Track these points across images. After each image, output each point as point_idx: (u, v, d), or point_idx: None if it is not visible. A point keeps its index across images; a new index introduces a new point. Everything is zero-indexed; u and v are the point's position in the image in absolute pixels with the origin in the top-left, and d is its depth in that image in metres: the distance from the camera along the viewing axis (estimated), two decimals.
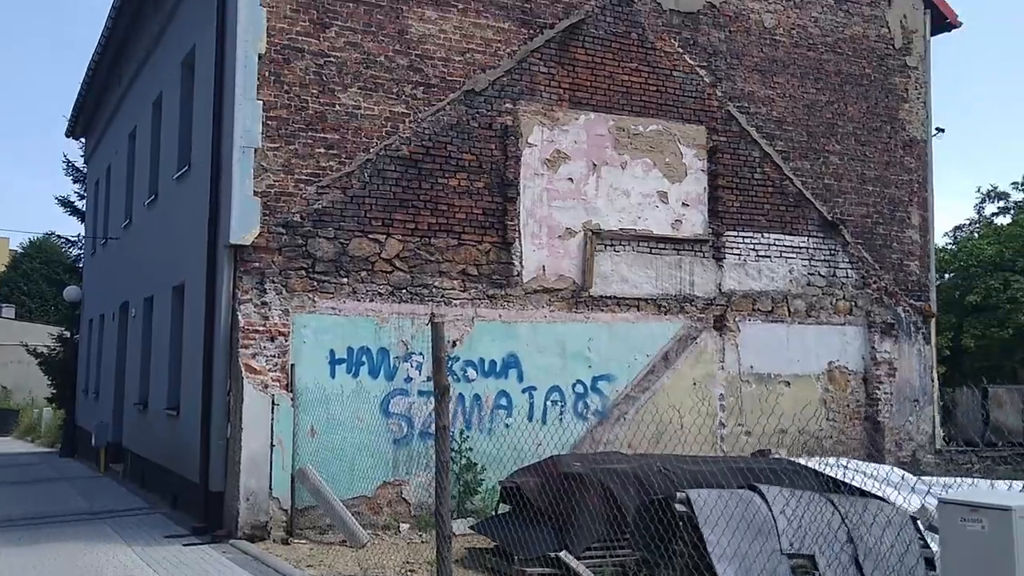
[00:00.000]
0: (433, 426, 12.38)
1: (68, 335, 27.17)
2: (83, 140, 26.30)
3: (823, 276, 15.04)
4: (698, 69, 14.24)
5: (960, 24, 16.60)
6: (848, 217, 15.26)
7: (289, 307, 11.36)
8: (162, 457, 14.32)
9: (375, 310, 11.84)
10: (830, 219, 15.06)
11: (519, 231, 12.75)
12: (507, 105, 12.83)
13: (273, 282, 11.31)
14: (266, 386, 11.00)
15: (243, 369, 10.95)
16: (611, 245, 13.41)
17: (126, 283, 18.05)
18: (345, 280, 11.70)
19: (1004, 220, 31.76)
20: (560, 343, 12.91)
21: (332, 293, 11.63)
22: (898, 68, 16.04)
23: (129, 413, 17.40)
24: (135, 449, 16.69)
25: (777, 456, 11.66)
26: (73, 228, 28.71)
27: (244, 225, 11.19)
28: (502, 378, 12.52)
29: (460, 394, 12.21)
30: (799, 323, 14.74)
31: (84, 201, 27.26)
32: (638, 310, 13.49)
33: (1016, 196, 31.87)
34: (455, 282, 12.34)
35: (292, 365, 11.25)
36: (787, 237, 14.78)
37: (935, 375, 15.99)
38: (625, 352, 13.33)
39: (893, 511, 8.79)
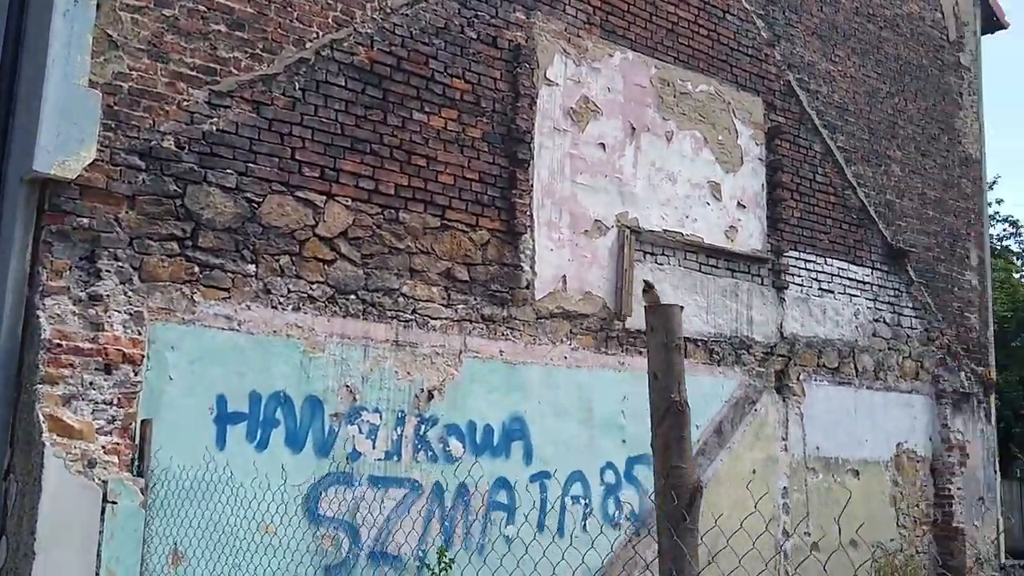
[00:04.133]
0: (395, 540, 7.01)
1: None
2: None
3: (888, 324, 10.92)
4: (755, 17, 9.98)
5: (1008, 24, 13.37)
6: (911, 248, 11.30)
7: (144, 309, 5.84)
8: None
9: (303, 326, 6.50)
10: (895, 247, 11.05)
11: (532, 215, 7.83)
12: (518, 14, 7.99)
13: (116, 258, 5.79)
14: (91, 462, 5.38)
15: (44, 425, 5.31)
16: (652, 253, 8.71)
17: None
18: (252, 268, 6.32)
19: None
20: (585, 402, 7.97)
21: (228, 290, 6.21)
22: (952, 65, 12.46)
23: None
24: None
25: None
26: None
27: (64, 142, 5.64)
28: (501, 456, 7.43)
29: (436, 483, 7.04)
30: (866, 387, 10.49)
31: None
32: (685, 355, 8.76)
33: None
34: (435, 290, 7.21)
35: (145, 423, 5.70)
36: (851, 267, 10.60)
37: (997, 465, 12.17)
38: None
39: None
